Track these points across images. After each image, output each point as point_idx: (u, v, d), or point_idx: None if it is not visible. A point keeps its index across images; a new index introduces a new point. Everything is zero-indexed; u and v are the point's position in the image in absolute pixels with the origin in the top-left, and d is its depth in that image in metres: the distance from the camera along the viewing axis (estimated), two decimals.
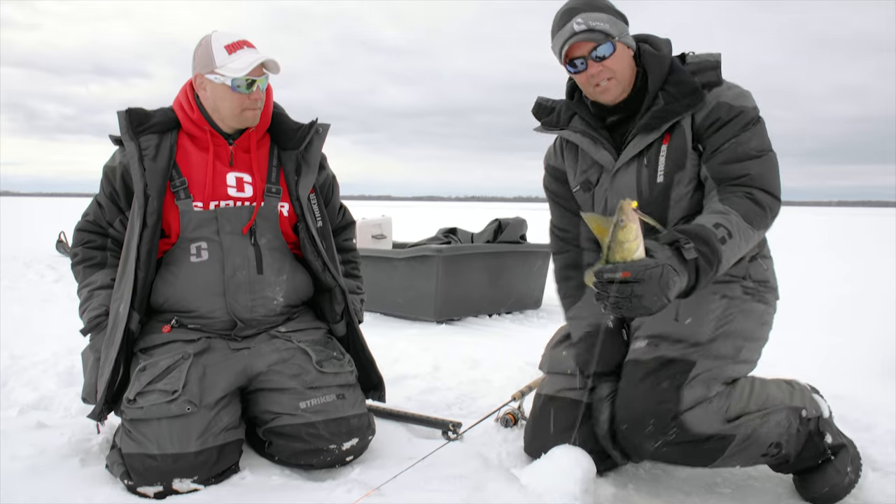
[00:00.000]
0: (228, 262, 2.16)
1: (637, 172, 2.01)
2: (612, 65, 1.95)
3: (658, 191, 1.98)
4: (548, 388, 2.15)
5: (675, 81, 1.98)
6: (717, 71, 2.00)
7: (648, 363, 1.88)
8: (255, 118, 2.20)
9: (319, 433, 2.08)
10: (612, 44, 1.93)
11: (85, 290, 2.23)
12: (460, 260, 4.79)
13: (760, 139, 1.94)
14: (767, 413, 1.90)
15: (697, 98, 1.94)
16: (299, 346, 2.20)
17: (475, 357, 3.58)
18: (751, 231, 1.82)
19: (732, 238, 1.76)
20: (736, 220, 1.79)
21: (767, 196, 1.88)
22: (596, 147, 2.08)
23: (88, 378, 2.17)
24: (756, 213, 1.84)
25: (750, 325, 1.98)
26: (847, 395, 2.83)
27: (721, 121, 1.94)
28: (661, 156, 1.98)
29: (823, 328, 4.71)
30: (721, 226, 1.76)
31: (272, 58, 2.14)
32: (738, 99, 1.96)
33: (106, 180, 2.23)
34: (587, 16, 1.93)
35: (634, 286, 1.56)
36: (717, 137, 1.93)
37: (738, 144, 1.91)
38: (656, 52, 2.02)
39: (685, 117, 1.97)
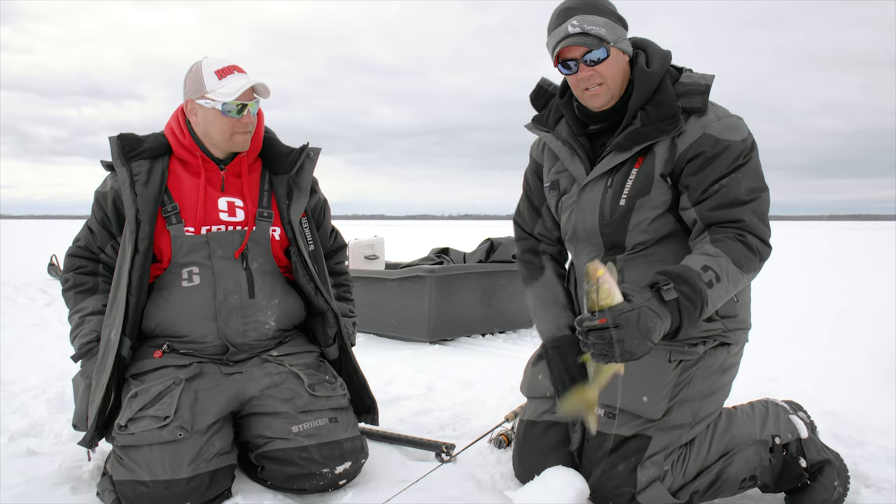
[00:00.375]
0: (220, 286, 2.16)
1: (602, 191, 1.99)
2: (604, 70, 1.91)
3: (619, 214, 1.95)
4: (529, 413, 2.16)
5: (657, 102, 1.92)
6: (703, 97, 1.92)
7: (606, 440, 1.89)
8: (245, 143, 2.21)
9: (312, 457, 2.07)
10: (605, 49, 1.89)
11: (76, 315, 2.22)
12: (453, 280, 4.80)
13: (752, 178, 1.86)
14: (731, 455, 1.93)
15: (672, 125, 1.88)
16: (291, 370, 2.20)
17: (468, 377, 3.58)
18: (740, 275, 1.79)
19: (720, 282, 1.74)
20: (725, 263, 1.76)
21: (758, 241, 1.83)
22: (572, 159, 2.07)
23: (79, 404, 2.15)
24: (746, 257, 1.80)
25: (709, 381, 1.95)
26: (840, 411, 2.85)
27: (705, 156, 1.86)
28: (629, 178, 1.94)
29: (819, 344, 4.74)
30: (709, 269, 1.73)
31: (262, 82, 2.15)
32: (726, 131, 1.87)
33: (97, 206, 2.24)
34: (583, 18, 1.88)
35: (613, 332, 1.58)
36: (704, 176, 1.86)
37: (728, 189, 1.84)
38: (646, 69, 1.95)
39: (659, 143, 1.91)
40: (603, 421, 1.91)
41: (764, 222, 1.85)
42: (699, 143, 1.87)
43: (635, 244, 1.98)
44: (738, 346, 2.03)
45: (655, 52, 1.99)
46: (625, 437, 1.89)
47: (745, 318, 2.04)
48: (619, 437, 1.88)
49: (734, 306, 1.99)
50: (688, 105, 1.90)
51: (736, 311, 2.00)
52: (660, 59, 1.97)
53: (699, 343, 1.95)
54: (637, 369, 1.88)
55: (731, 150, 1.85)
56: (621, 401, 1.87)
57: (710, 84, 1.94)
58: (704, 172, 1.86)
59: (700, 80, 1.95)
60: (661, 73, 1.95)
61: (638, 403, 1.88)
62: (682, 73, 2.00)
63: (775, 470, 1.98)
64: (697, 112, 1.90)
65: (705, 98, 1.92)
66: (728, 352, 2.00)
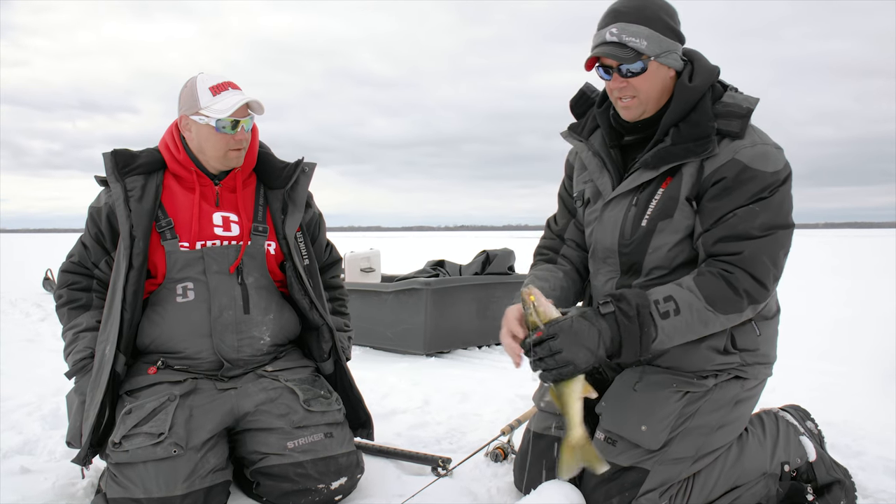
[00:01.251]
0: (215, 302, 2.16)
1: (626, 210, 1.91)
2: (638, 84, 1.81)
3: (639, 235, 1.88)
4: (536, 424, 2.14)
5: (692, 121, 1.81)
6: (742, 121, 1.79)
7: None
8: (238, 159, 2.21)
9: (308, 473, 2.06)
10: (642, 63, 1.78)
11: (70, 332, 2.21)
12: (449, 292, 4.80)
13: (771, 214, 1.74)
14: (739, 490, 1.90)
15: (703, 147, 1.77)
16: (286, 386, 2.19)
17: (465, 390, 3.57)
18: (711, 315, 1.72)
19: (680, 315, 1.70)
20: (691, 299, 1.71)
21: (751, 281, 1.73)
22: (601, 172, 1.99)
23: (73, 421, 2.14)
24: (725, 297, 1.72)
25: (717, 415, 1.87)
26: (838, 421, 2.84)
27: (727, 182, 1.75)
28: (653, 199, 1.86)
29: (817, 353, 4.74)
30: (671, 300, 1.71)
31: (256, 98, 2.16)
32: (756, 160, 1.75)
33: (91, 221, 2.23)
34: (624, 27, 1.77)
35: (551, 343, 1.62)
36: (721, 204, 1.76)
37: (740, 220, 1.74)
38: (686, 84, 1.83)
39: (689, 164, 1.81)
40: (602, 447, 1.87)
41: (771, 261, 1.74)
42: (725, 167, 1.76)
43: (652, 268, 1.90)
44: (755, 380, 1.94)
45: (702, 66, 1.88)
46: (622, 468, 1.83)
47: (767, 353, 1.95)
48: (617, 467, 1.82)
49: (756, 339, 1.91)
50: (724, 128, 1.79)
51: (757, 345, 1.91)
52: (704, 75, 1.86)
53: (710, 376, 1.88)
54: (639, 397, 1.87)
55: (757, 181, 1.74)
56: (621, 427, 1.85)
57: (753, 108, 1.83)
58: (723, 200, 1.76)
59: (742, 102, 1.83)
60: (702, 89, 1.84)
61: (636, 432, 1.82)
62: (727, 91, 1.89)
63: (781, 496, 1.97)
64: (733, 136, 1.79)
65: (744, 123, 1.80)
66: (742, 386, 1.91)
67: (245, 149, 2.22)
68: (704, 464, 1.87)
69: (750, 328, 1.90)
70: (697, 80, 1.85)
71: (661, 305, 1.71)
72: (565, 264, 2.15)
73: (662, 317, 1.70)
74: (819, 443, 2.20)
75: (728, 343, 1.88)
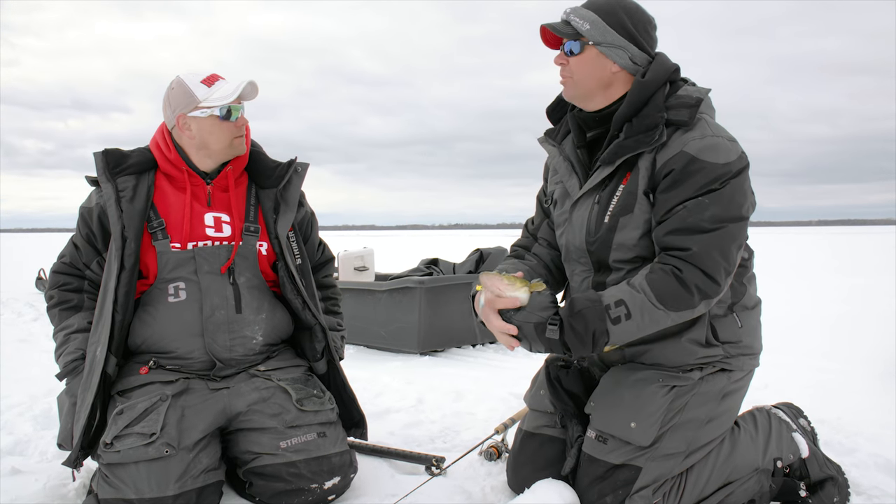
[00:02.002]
0: (207, 301, 2.15)
1: (590, 208, 1.93)
2: (574, 65, 1.89)
3: (603, 231, 1.89)
4: (528, 423, 2.15)
5: (643, 115, 1.84)
6: (692, 110, 1.81)
7: (597, 466, 1.86)
8: (242, 145, 2.23)
9: (300, 472, 2.05)
10: (579, 43, 1.87)
11: (61, 333, 2.20)
12: (443, 291, 4.79)
13: (722, 206, 1.74)
14: (732, 486, 1.91)
15: (650, 137, 1.79)
16: (279, 385, 2.18)
17: (459, 389, 3.56)
18: (662, 314, 1.74)
19: (631, 319, 1.73)
20: (642, 302, 1.73)
21: (701, 276, 1.73)
22: (570, 175, 2.02)
23: (64, 423, 2.13)
24: (675, 295, 1.73)
25: (706, 408, 1.88)
26: (831, 418, 2.85)
27: (675, 174, 1.77)
28: (615, 195, 1.88)
29: (814, 350, 4.75)
30: (622, 304, 1.74)
31: (252, 80, 2.17)
32: (705, 151, 1.75)
33: (82, 221, 2.21)
34: (576, 9, 1.88)
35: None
36: (670, 196, 1.78)
37: (689, 212, 1.74)
38: (640, 80, 1.86)
39: (644, 157, 1.84)
40: (594, 445, 1.88)
41: (723, 255, 1.74)
42: (674, 159, 1.78)
43: (620, 264, 1.91)
44: (741, 372, 1.95)
45: (659, 63, 1.90)
46: (614, 465, 1.83)
47: (750, 344, 1.96)
48: (609, 465, 1.83)
49: (737, 331, 1.92)
50: (674, 118, 1.81)
51: (739, 337, 1.93)
52: (657, 71, 1.88)
53: (694, 369, 1.89)
54: (627, 395, 1.88)
55: (705, 173, 1.75)
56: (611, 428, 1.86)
57: (703, 98, 1.85)
58: (672, 192, 1.78)
59: (693, 93, 1.86)
60: (654, 84, 1.86)
61: (626, 429, 1.83)
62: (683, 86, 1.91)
63: (774, 492, 1.98)
64: (683, 126, 1.81)
65: (693, 112, 1.81)
66: (729, 378, 1.92)
67: (245, 134, 2.22)
68: (696, 458, 1.87)
69: (731, 320, 1.91)
70: (650, 75, 1.87)
71: (612, 311, 1.74)
72: (532, 259, 2.18)
73: (613, 322, 1.73)
74: (812, 440, 2.20)
75: (709, 335, 1.89)
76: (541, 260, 2.17)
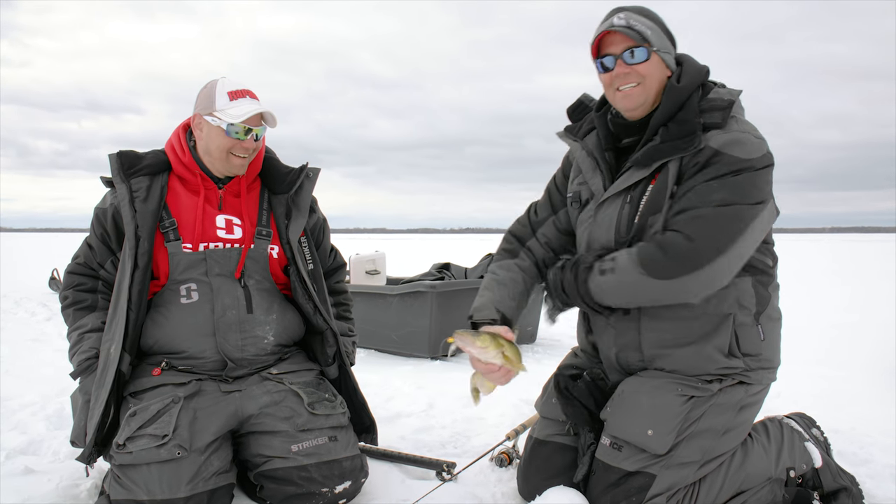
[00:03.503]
0: (218, 302, 2.15)
1: (620, 208, 1.93)
2: (643, 70, 1.85)
3: (633, 231, 1.89)
4: (539, 431, 2.14)
5: (679, 119, 1.84)
6: (724, 112, 1.82)
7: (611, 473, 1.85)
8: (242, 167, 2.22)
9: (312, 476, 2.05)
10: (647, 50, 1.84)
11: (75, 333, 2.21)
12: (454, 296, 4.79)
13: (730, 192, 1.74)
14: (745, 494, 1.89)
15: (689, 143, 1.80)
16: (291, 388, 2.18)
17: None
18: (639, 276, 1.75)
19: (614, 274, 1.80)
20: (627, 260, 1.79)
21: (682, 241, 1.73)
22: (594, 172, 2.01)
23: (78, 421, 2.14)
24: (654, 259, 1.74)
25: (723, 419, 1.87)
26: (844, 428, 2.82)
27: (699, 165, 1.80)
28: (644, 195, 1.88)
29: (823, 359, 4.71)
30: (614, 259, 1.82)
31: (270, 110, 2.17)
32: (728, 146, 1.78)
33: (97, 222, 2.23)
34: (630, 15, 1.84)
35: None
36: (686, 184, 1.80)
37: (696, 194, 1.76)
38: (675, 85, 1.87)
39: (674, 159, 1.84)
40: (608, 453, 1.87)
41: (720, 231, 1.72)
42: (700, 154, 1.80)
43: None
44: (759, 385, 1.94)
45: (690, 67, 1.91)
46: (628, 473, 1.82)
47: (770, 358, 1.95)
48: (623, 472, 1.83)
49: (759, 344, 1.91)
50: (708, 121, 1.83)
51: (760, 350, 1.92)
52: (692, 75, 1.89)
53: (714, 380, 1.88)
54: (644, 402, 1.87)
55: (724, 164, 1.76)
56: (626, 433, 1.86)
57: (735, 99, 1.86)
58: (689, 181, 1.80)
59: (724, 96, 1.87)
60: (689, 89, 1.88)
61: (643, 436, 1.82)
62: (714, 88, 1.93)
63: (787, 502, 1.96)
64: (715, 128, 1.82)
65: (726, 114, 1.83)
66: (747, 391, 1.91)
67: (250, 158, 2.22)
68: (710, 469, 1.86)
69: (755, 331, 1.90)
70: (685, 80, 1.88)
71: (604, 263, 1.83)
72: (526, 259, 2.14)
73: (600, 273, 1.82)
74: (825, 450, 2.18)
75: (733, 343, 1.88)
76: (534, 259, 2.15)
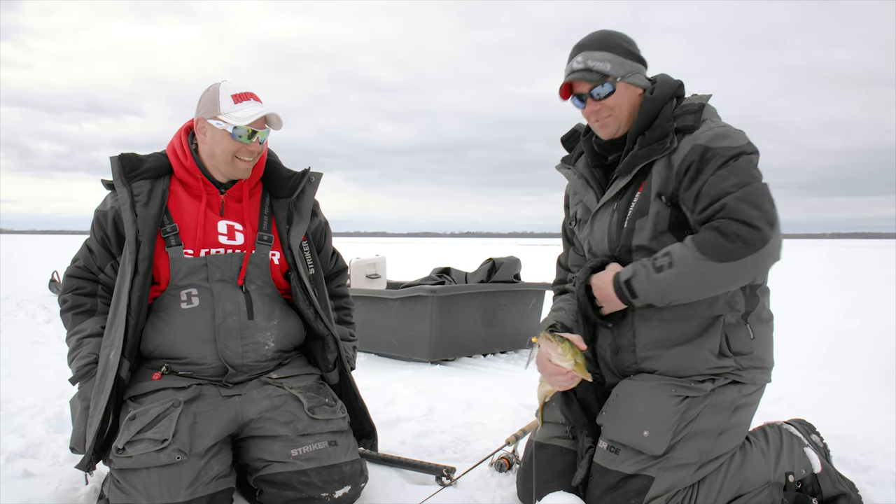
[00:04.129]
0: (219, 308, 2.15)
1: (610, 216, 2.03)
2: (611, 103, 1.97)
3: (623, 236, 1.98)
4: (540, 434, 2.14)
5: (654, 126, 1.95)
6: (696, 115, 1.93)
7: (609, 476, 1.85)
8: (246, 171, 2.21)
9: (311, 481, 2.04)
10: (610, 84, 1.95)
11: (74, 337, 2.20)
12: (455, 300, 4.79)
13: (742, 174, 1.81)
14: (743, 498, 1.90)
15: (662, 145, 1.91)
16: (291, 393, 2.18)
17: (469, 399, 3.55)
18: (704, 263, 1.76)
19: (673, 267, 1.79)
20: (684, 251, 1.79)
21: (739, 225, 1.75)
22: (586, 189, 2.13)
23: (77, 427, 2.13)
24: (716, 243, 1.75)
25: (718, 420, 1.89)
26: (845, 435, 2.81)
27: (694, 166, 1.86)
28: (632, 202, 1.97)
29: (823, 365, 4.71)
30: (668, 254, 1.81)
31: (276, 112, 2.17)
32: (715, 140, 1.86)
33: (97, 225, 2.22)
34: (589, 55, 1.96)
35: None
36: (695, 185, 1.85)
37: (712, 186, 1.82)
38: (648, 97, 1.99)
39: (656, 164, 1.92)
40: (605, 456, 1.89)
41: (755, 207, 1.76)
42: (690, 154, 1.87)
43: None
44: (753, 385, 1.96)
45: (663, 81, 2.03)
46: (627, 475, 1.83)
47: (762, 357, 1.98)
48: (621, 475, 1.84)
49: (750, 343, 1.94)
50: (681, 124, 1.93)
51: (751, 349, 1.95)
52: (664, 87, 2.00)
53: (707, 380, 1.90)
54: (639, 404, 1.88)
55: (720, 156, 1.84)
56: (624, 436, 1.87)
57: (705, 102, 1.98)
58: (696, 181, 1.86)
59: (694, 100, 1.99)
60: (662, 99, 1.98)
61: (639, 438, 1.84)
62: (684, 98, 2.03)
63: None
64: (689, 130, 1.91)
65: (697, 116, 1.93)
66: (740, 391, 1.93)
67: (254, 162, 2.22)
68: (708, 471, 1.87)
69: (744, 331, 1.94)
70: (658, 91, 2.00)
71: (658, 260, 1.82)
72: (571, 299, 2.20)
73: (657, 270, 1.81)
74: (824, 456, 2.18)
75: (723, 343, 1.91)
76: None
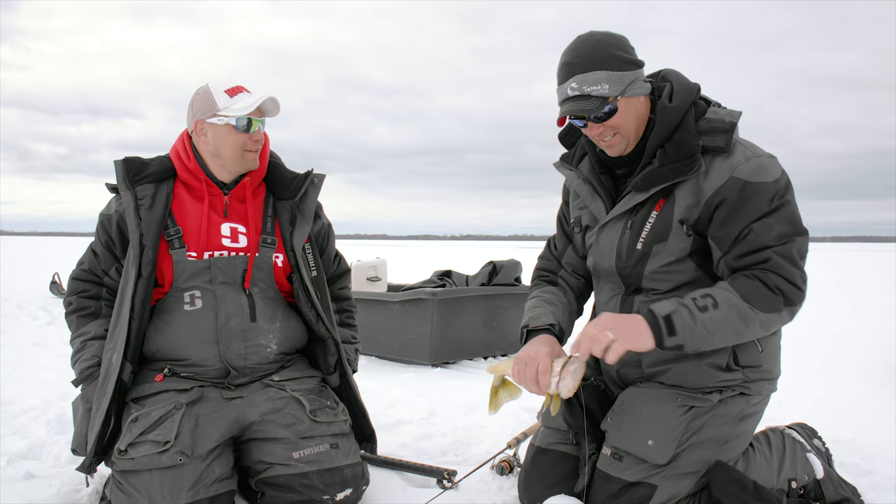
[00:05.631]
0: (222, 310, 2.15)
1: (621, 233, 1.93)
2: (615, 122, 1.83)
3: (635, 258, 1.89)
4: (541, 440, 2.14)
5: (676, 141, 1.81)
6: (727, 135, 1.79)
7: (612, 484, 1.84)
8: (255, 161, 2.22)
9: (313, 483, 2.05)
10: (610, 105, 1.80)
11: (78, 340, 2.21)
12: (455, 303, 4.79)
13: (785, 223, 1.75)
14: None
15: (689, 166, 1.78)
16: (293, 395, 2.18)
17: (470, 402, 3.55)
18: (750, 312, 1.70)
19: (718, 309, 1.70)
20: (728, 296, 1.71)
21: (782, 281, 1.72)
22: (593, 197, 2.02)
23: (79, 429, 2.13)
24: (762, 294, 1.71)
25: (723, 430, 1.87)
26: (846, 440, 2.81)
27: (731, 202, 1.76)
28: (647, 221, 1.87)
29: (824, 369, 4.71)
30: (709, 296, 1.71)
31: (273, 96, 2.18)
32: (755, 173, 1.75)
33: (102, 228, 2.23)
34: (582, 78, 1.78)
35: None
36: (735, 225, 1.76)
37: (756, 235, 1.74)
38: (667, 105, 1.84)
39: (681, 185, 1.82)
40: (609, 463, 1.88)
41: (794, 264, 1.74)
42: (726, 187, 1.76)
43: (652, 289, 1.91)
44: (759, 396, 1.94)
45: (681, 85, 1.89)
46: (629, 483, 1.82)
47: (770, 369, 1.95)
48: (624, 482, 1.83)
49: (758, 356, 1.91)
50: (709, 144, 1.80)
51: (760, 361, 1.92)
52: (683, 94, 1.86)
53: (714, 391, 1.88)
54: (644, 412, 1.87)
55: (762, 195, 1.75)
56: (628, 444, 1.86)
57: (736, 122, 1.83)
58: (735, 220, 1.76)
59: (725, 117, 1.83)
60: (682, 108, 1.84)
61: (643, 447, 1.82)
62: (710, 107, 1.89)
63: None
64: (720, 152, 1.79)
65: (729, 137, 1.79)
66: (747, 402, 1.91)
67: (259, 151, 2.23)
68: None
69: (752, 344, 1.90)
70: (677, 99, 1.85)
71: (698, 301, 1.71)
72: (566, 288, 2.20)
73: (701, 310, 1.70)
74: (827, 461, 2.18)
75: (730, 360, 1.88)
76: (571, 289, 2.20)
